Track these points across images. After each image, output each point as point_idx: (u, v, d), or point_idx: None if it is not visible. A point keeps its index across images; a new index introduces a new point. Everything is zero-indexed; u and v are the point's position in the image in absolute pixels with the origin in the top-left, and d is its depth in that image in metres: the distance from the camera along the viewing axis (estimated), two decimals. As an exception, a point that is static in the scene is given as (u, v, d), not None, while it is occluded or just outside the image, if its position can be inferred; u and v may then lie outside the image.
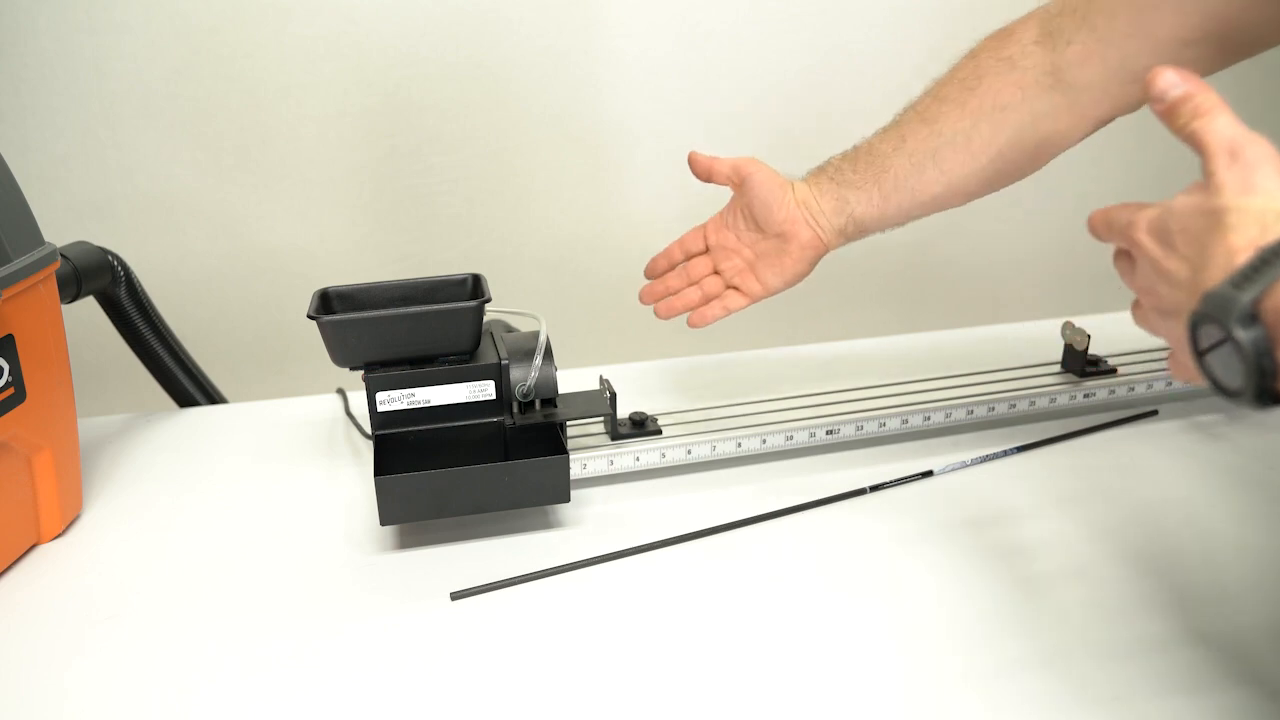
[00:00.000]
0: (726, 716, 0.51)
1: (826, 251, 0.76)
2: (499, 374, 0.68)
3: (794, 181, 0.76)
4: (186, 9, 1.14)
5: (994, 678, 0.53)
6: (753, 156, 0.77)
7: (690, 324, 0.78)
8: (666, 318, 0.79)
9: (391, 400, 0.67)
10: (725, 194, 0.82)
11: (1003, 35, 0.69)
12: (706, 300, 0.78)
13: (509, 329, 0.77)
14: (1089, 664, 0.54)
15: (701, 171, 0.79)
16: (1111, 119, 0.67)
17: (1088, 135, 0.68)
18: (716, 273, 0.79)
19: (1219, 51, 0.61)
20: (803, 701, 0.52)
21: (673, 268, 0.81)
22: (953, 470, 0.75)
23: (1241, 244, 0.40)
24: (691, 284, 0.79)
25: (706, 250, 0.80)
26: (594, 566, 0.64)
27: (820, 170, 0.76)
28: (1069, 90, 0.65)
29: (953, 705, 0.51)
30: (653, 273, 0.82)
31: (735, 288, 0.78)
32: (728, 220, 0.79)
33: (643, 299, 0.81)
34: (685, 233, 0.81)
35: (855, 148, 0.75)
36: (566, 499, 0.66)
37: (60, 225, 0.76)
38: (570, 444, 0.72)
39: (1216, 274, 0.40)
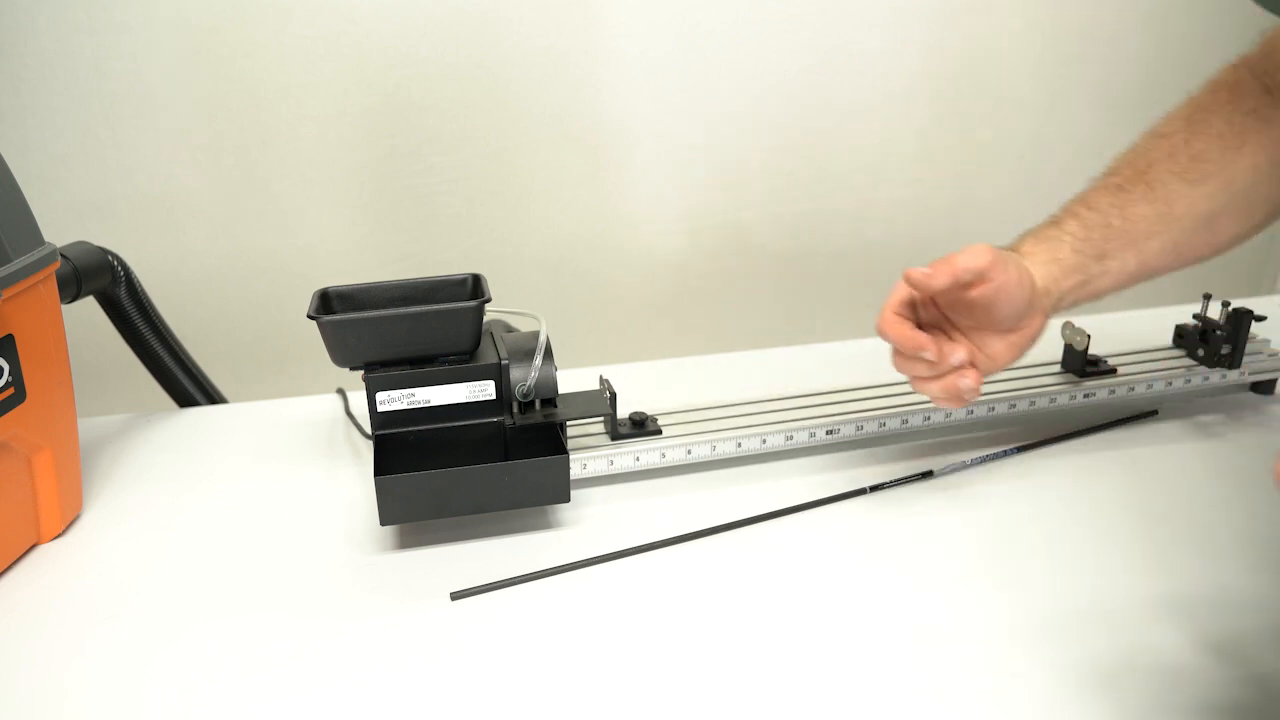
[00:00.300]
0: (726, 716, 0.51)
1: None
2: (499, 374, 0.68)
3: (1031, 265, 0.65)
4: (186, 9, 1.14)
5: (994, 678, 0.53)
6: (988, 251, 0.62)
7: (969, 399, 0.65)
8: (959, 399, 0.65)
9: (391, 400, 0.67)
10: (721, 192, 0.82)
11: (1230, 89, 0.66)
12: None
13: (509, 329, 0.77)
14: (1088, 664, 0.54)
15: (942, 283, 0.62)
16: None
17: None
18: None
19: None
20: (803, 701, 0.52)
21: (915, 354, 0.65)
22: (953, 470, 0.75)
23: None
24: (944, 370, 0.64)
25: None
26: (594, 566, 0.64)
27: (1056, 243, 0.66)
28: None
29: (953, 705, 0.51)
30: (900, 331, 0.64)
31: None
32: (947, 314, 0.67)
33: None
34: (892, 315, 0.65)
35: (1092, 208, 0.67)
36: (566, 499, 0.66)
37: (60, 225, 0.76)
38: (570, 444, 0.72)
39: None
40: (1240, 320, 0.80)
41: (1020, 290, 0.63)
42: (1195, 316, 0.85)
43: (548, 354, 0.68)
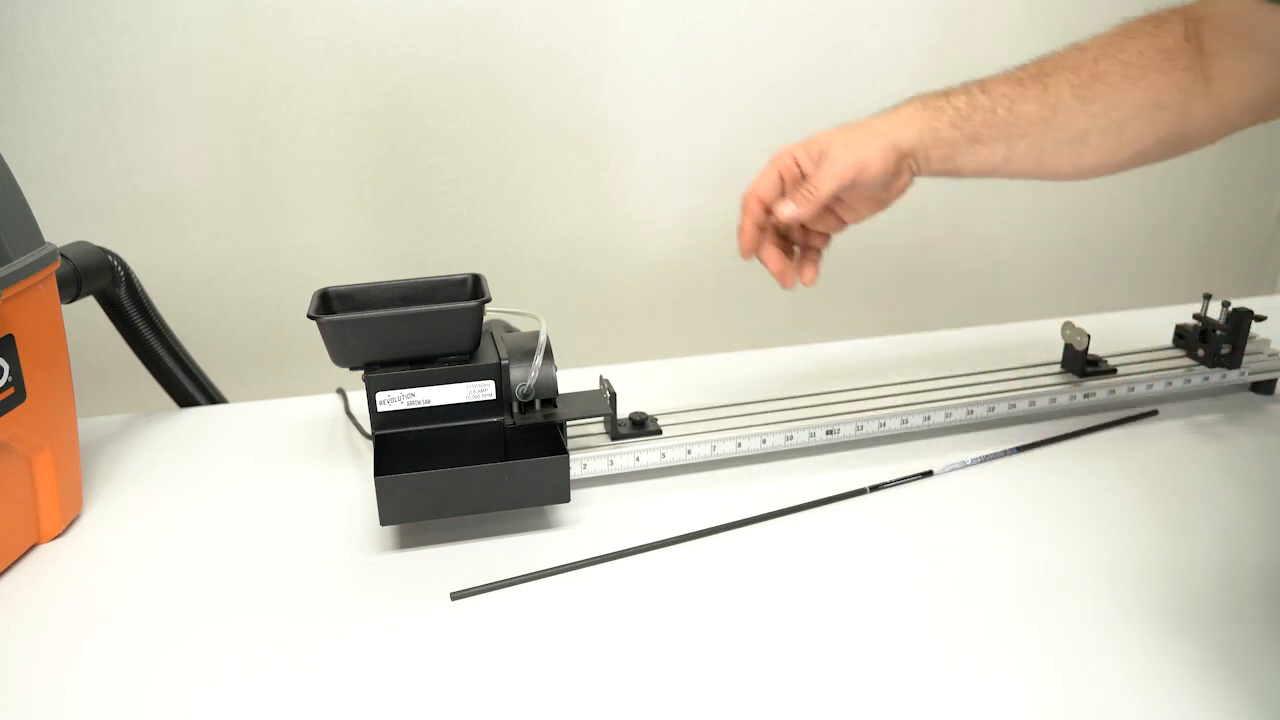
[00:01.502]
0: (726, 716, 0.51)
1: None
2: (499, 374, 0.68)
3: (898, 129, 0.69)
4: (186, 9, 1.14)
5: (994, 678, 0.53)
6: (841, 140, 0.69)
7: (800, 282, 0.75)
8: (786, 275, 0.75)
9: (391, 400, 0.67)
10: (720, 192, 0.82)
11: (1156, 22, 0.67)
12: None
13: (509, 329, 0.77)
14: (1088, 664, 0.54)
15: (811, 211, 0.70)
16: (1249, 126, 0.67)
17: (1219, 139, 0.68)
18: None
19: None
20: (802, 702, 0.52)
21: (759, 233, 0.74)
22: (953, 470, 0.75)
23: None
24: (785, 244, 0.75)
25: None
26: (594, 566, 0.64)
27: (939, 112, 0.70)
28: (1217, 100, 0.65)
29: (953, 705, 0.51)
30: (752, 247, 0.75)
31: (813, 230, 0.75)
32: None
33: (748, 255, 0.76)
34: (759, 181, 0.72)
35: (987, 92, 0.70)
36: (566, 499, 0.66)
37: (60, 225, 0.76)
38: (570, 444, 0.72)
39: None
40: (1240, 320, 0.80)
41: (883, 174, 0.68)
42: (1195, 316, 0.85)
43: (548, 354, 0.68)
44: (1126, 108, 0.67)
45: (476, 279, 0.70)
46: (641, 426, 0.74)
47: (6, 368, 0.62)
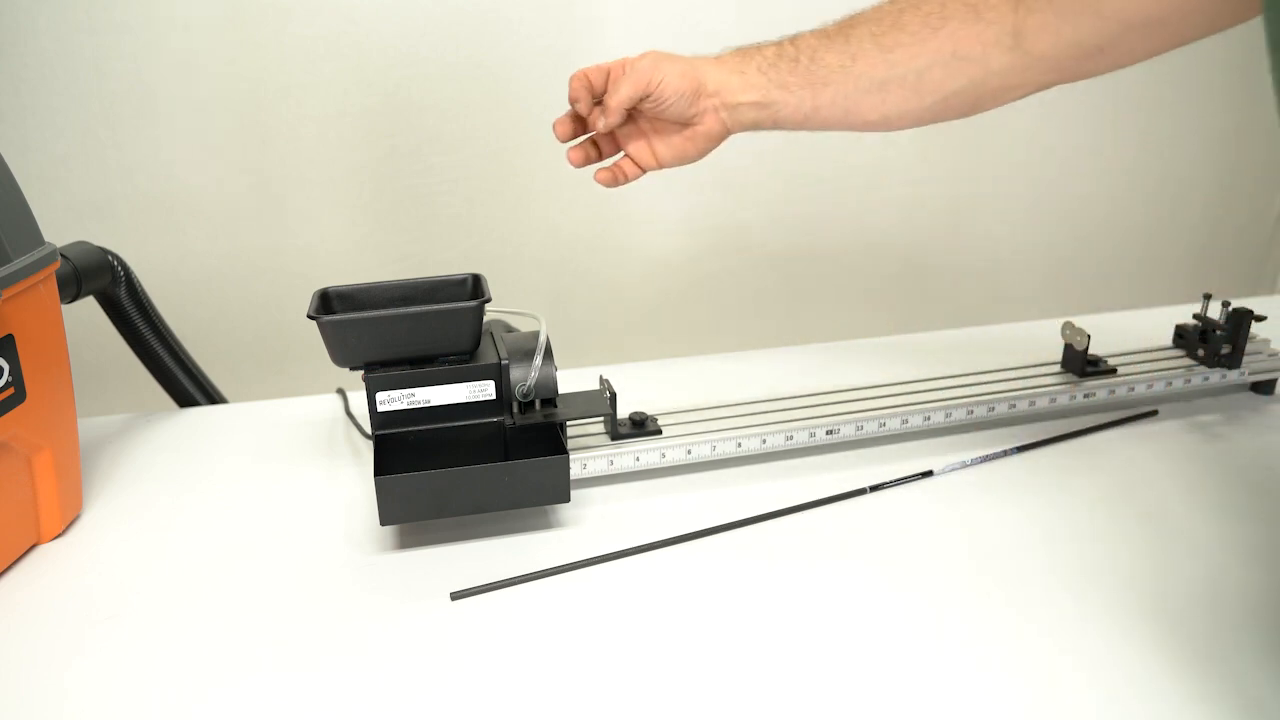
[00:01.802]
0: (726, 716, 0.51)
1: (728, 137, 0.75)
2: (499, 374, 0.68)
3: (706, 66, 0.72)
4: (186, 9, 1.14)
5: (993, 677, 0.53)
6: (651, 54, 0.72)
7: (601, 180, 0.77)
8: (581, 164, 0.77)
9: (391, 400, 0.67)
10: (721, 193, 0.83)
11: None
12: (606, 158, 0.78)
13: (509, 329, 0.77)
14: (1087, 664, 0.54)
15: (616, 117, 0.72)
16: (1053, 85, 0.69)
17: (1027, 96, 0.70)
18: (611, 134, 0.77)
19: (1161, 36, 0.62)
20: (802, 702, 0.52)
21: (581, 123, 0.76)
22: (953, 470, 0.75)
23: None
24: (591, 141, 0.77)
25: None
26: (594, 566, 0.64)
27: (747, 58, 0.73)
28: (1025, 56, 0.66)
29: (952, 704, 0.51)
30: (566, 136, 0.77)
31: (629, 157, 0.77)
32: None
33: (574, 160, 0.77)
34: (591, 68, 0.74)
35: (794, 44, 0.72)
36: (566, 499, 0.66)
37: (60, 225, 0.76)
38: (570, 444, 0.72)
39: None
40: (1240, 320, 0.80)
41: (677, 94, 0.70)
42: (1195, 316, 0.85)
43: (548, 354, 0.68)
44: (925, 56, 0.68)
45: (476, 279, 0.70)
46: (641, 426, 0.74)
47: (6, 368, 0.62)
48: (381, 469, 0.65)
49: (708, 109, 0.72)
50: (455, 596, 0.61)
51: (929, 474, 0.74)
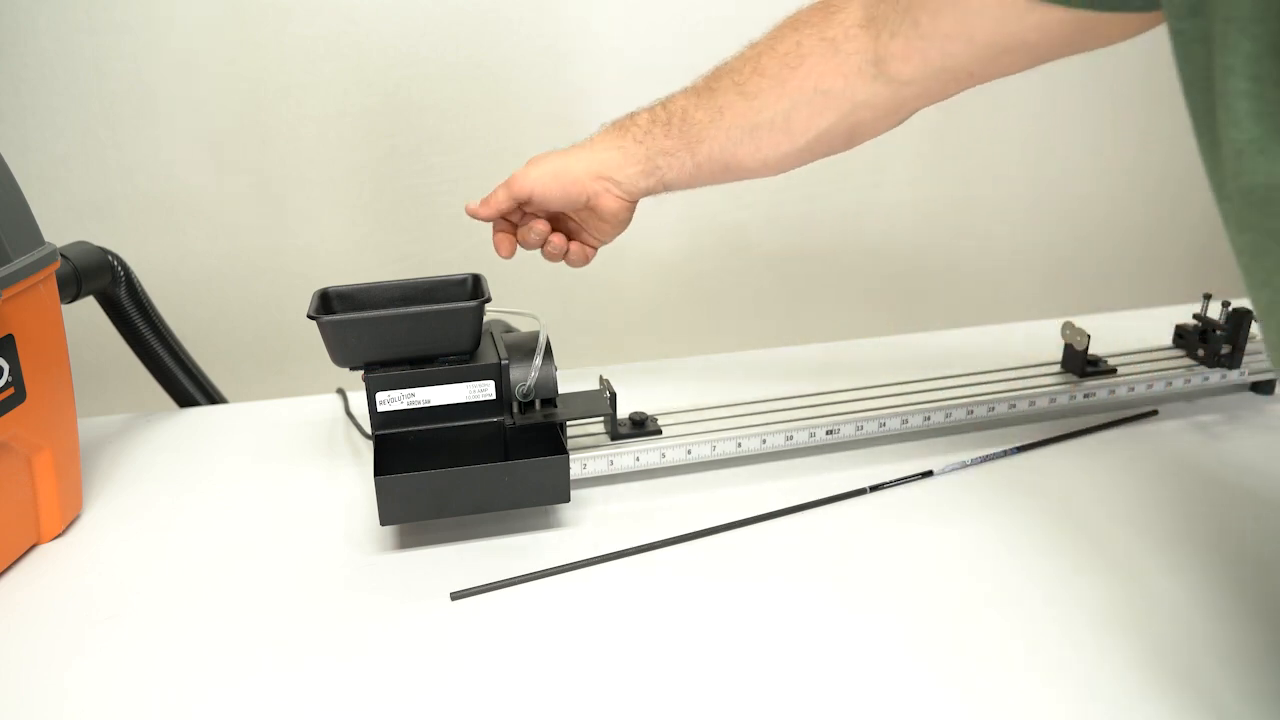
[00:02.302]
0: (726, 717, 0.51)
1: (637, 201, 0.77)
2: (499, 374, 0.68)
3: (580, 154, 0.74)
4: (186, 9, 1.14)
5: (994, 677, 0.53)
6: (526, 170, 0.75)
7: (572, 263, 0.80)
8: (508, 254, 0.79)
9: (391, 400, 0.67)
10: (720, 192, 0.83)
11: (826, 11, 0.69)
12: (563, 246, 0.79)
13: (509, 329, 0.77)
14: (1087, 665, 0.54)
15: (487, 215, 0.77)
16: (924, 108, 0.68)
17: (901, 123, 0.70)
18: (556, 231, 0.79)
19: (1029, 58, 0.62)
20: (802, 702, 0.52)
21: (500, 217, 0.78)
22: (953, 470, 0.75)
23: None
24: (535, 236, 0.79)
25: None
26: (594, 566, 0.64)
27: (623, 131, 0.74)
28: (890, 82, 0.66)
29: (952, 704, 0.51)
30: (510, 251, 0.79)
31: (575, 243, 0.80)
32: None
33: (502, 252, 0.79)
34: (494, 197, 0.76)
35: (665, 108, 0.74)
36: (566, 499, 0.66)
37: (60, 225, 0.76)
38: (570, 444, 0.72)
39: None
40: (1240, 320, 0.80)
41: (563, 196, 0.73)
42: (1195, 316, 0.85)
43: (548, 354, 0.68)
44: (788, 97, 0.68)
45: (476, 279, 0.71)
46: (641, 426, 0.74)
47: (6, 368, 0.62)
48: (381, 469, 0.65)
49: (599, 191, 0.74)
50: (455, 596, 0.61)
51: (929, 474, 0.74)
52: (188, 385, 0.90)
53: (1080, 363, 0.81)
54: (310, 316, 0.64)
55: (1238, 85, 0.40)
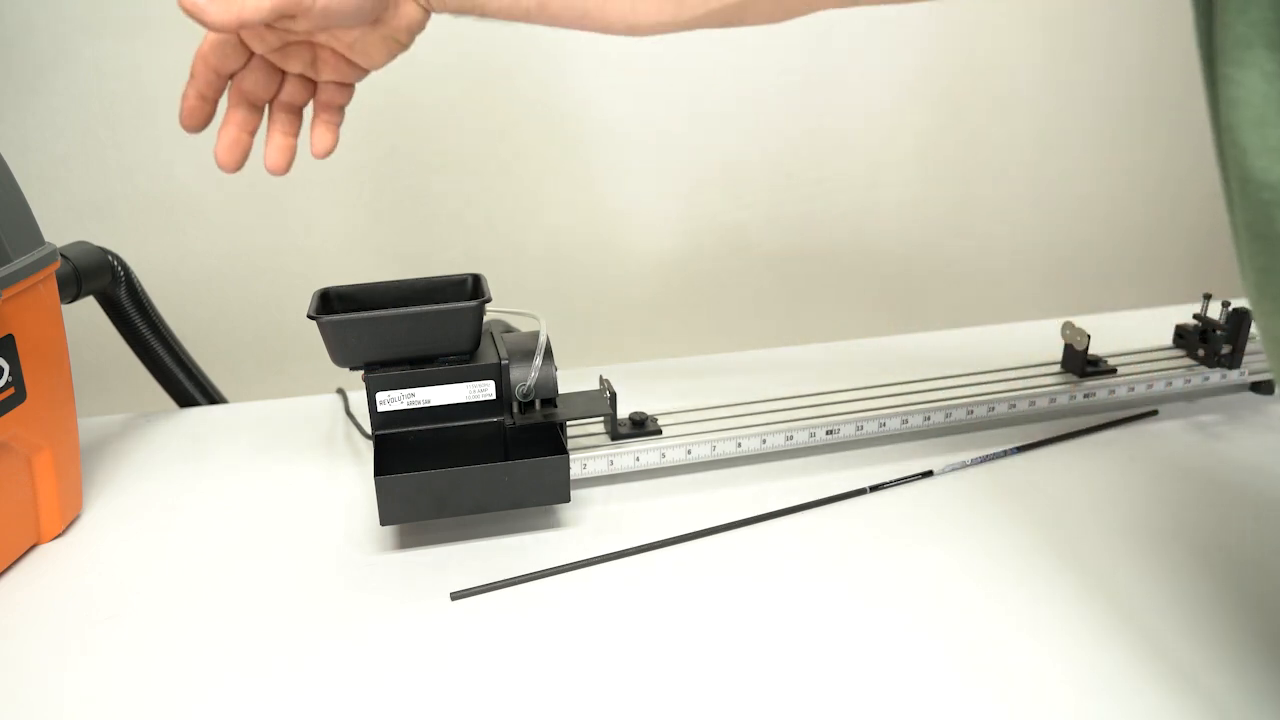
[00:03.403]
0: (725, 716, 0.51)
1: (425, 25, 0.61)
2: (499, 374, 0.68)
3: None
4: (186, 9, 1.14)
5: (993, 677, 0.53)
6: None
7: (271, 167, 0.61)
8: (229, 161, 0.60)
9: (391, 400, 0.67)
10: (720, 192, 0.82)
11: None
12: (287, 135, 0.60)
13: (509, 329, 0.77)
14: (1086, 665, 0.54)
15: (227, 21, 0.52)
16: (811, 12, 0.62)
17: (808, 13, 0.63)
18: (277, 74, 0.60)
19: None
20: (802, 702, 0.52)
21: (211, 103, 0.59)
22: (953, 470, 0.75)
23: None
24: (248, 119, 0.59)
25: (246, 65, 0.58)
26: (594, 566, 0.64)
27: None
28: None
29: (952, 704, 0.51)
30: (193, 123, 0.60)
31: (326, 102, 0.60)
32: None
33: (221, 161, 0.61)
34: (202, 54, 0.57)
35: None
36: (566, 499, 0.66)
37: (60, 225, 0.76)
38: (570, 444, 0.72)
39: None
40: (1240, 320, 0.80)
41: (356, 3, 0.54)
42: (1195, 316, 0.85)
43: (548, 354, 0.68)
44: None
45: (476, 279, 0.71)
46: (641, 426, 0.74)
47: (6, 368, 0.62)
48: (381, 469, 0.65)
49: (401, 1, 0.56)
50: (455, 596, 0.61)
51: (929, 474, 0.74)
52: (188, 385, 0.90)
53: (1080, 363, 0.81)
54: (310, 316, 0.64)
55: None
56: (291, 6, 0.52)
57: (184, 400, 0.91)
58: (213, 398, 0.92)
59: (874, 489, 0.72)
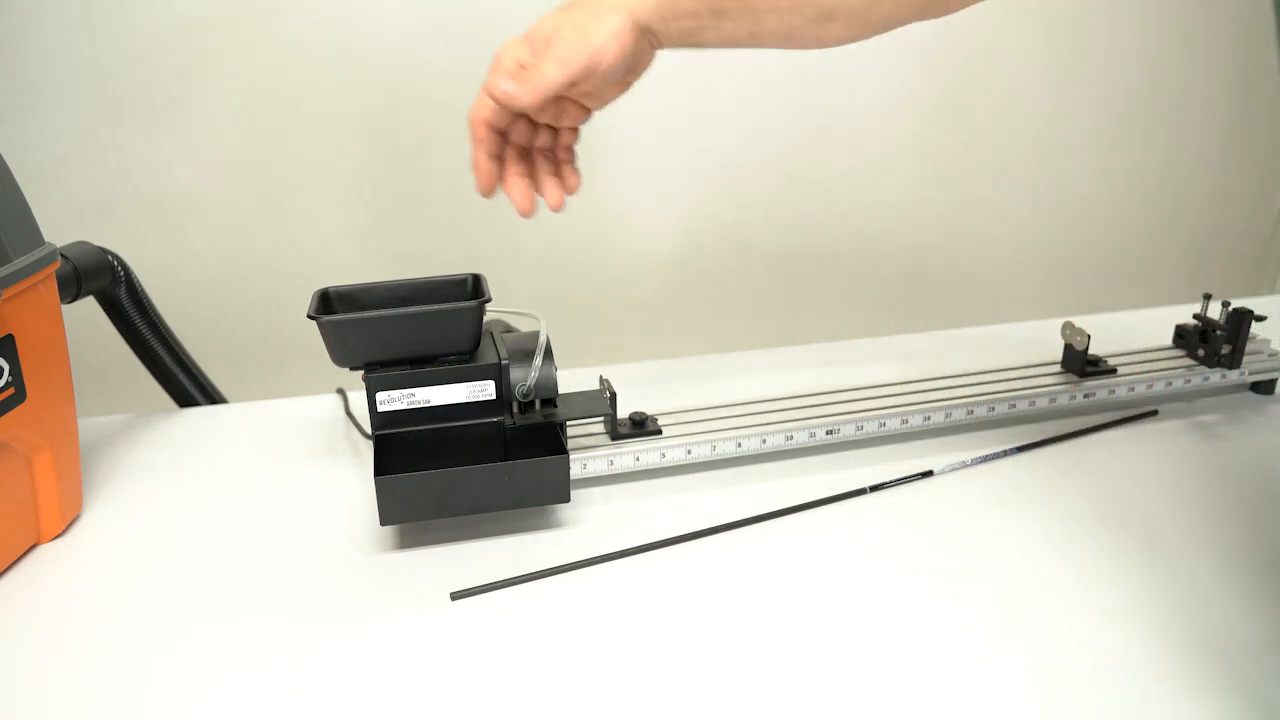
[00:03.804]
0: (725, 716, 0.51)
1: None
2: (499, 374, 0.68)
3: (630, 9, 0.63)
4: (186, 9, 1.14)
5: (993, 677, 0.53)
6: (583, 34, 0.62)
7: (555, 208, 0.70)
8: (528, 208, 0.69)
9: (391, 400, 0.67)
10: (720, 192, 0.82)
11: None
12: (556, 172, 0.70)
13: (509, 329, 0.77)
14: (1086, 664, 0.54)
15: (531, 100, 0.64)
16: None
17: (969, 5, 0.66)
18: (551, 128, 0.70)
19: None
20: (803, 701, 0.52)
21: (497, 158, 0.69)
22: (953, 470, 0.75)
23: None
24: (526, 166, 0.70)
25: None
26: (594, 566, 0.64)
27: None
28: None
29: (952, 703, 0.51)
30: (488, 189, 0.70)
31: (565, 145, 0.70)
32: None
33: (482, 188, 0.70)
34: (479, 103, 0.67)
35: None
36: (566, 499, 0.66)
37: (60, 225, 0.76)
38: (570, 444, 0.72)
39: None
40: (1240, 320, 0.80)
41: (622, 61, 0.62)
42: (1195, 316, 0.85)
43: (548, 354, 0.68)
44: None
45: (476, 279, 0.70)
46: (641, 426, 0.74)
47: (6, 368, 0.62)
48: (381, 469, 0.65)
49: (644, 48, 0.64)
50: (455, 596, 0.61)
51: (929, 474, 0.74)
52: (188, 385, 0.90)
53: (1080, 363, 0.81)
54: (310, 316, 0.64)
55: None
56: (579, 75, 0.61)
57: (184, 400, 0.91)
58: (213, 398, 0.92)
59: (874, 489, 0.72)
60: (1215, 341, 0.82)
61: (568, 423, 0.71)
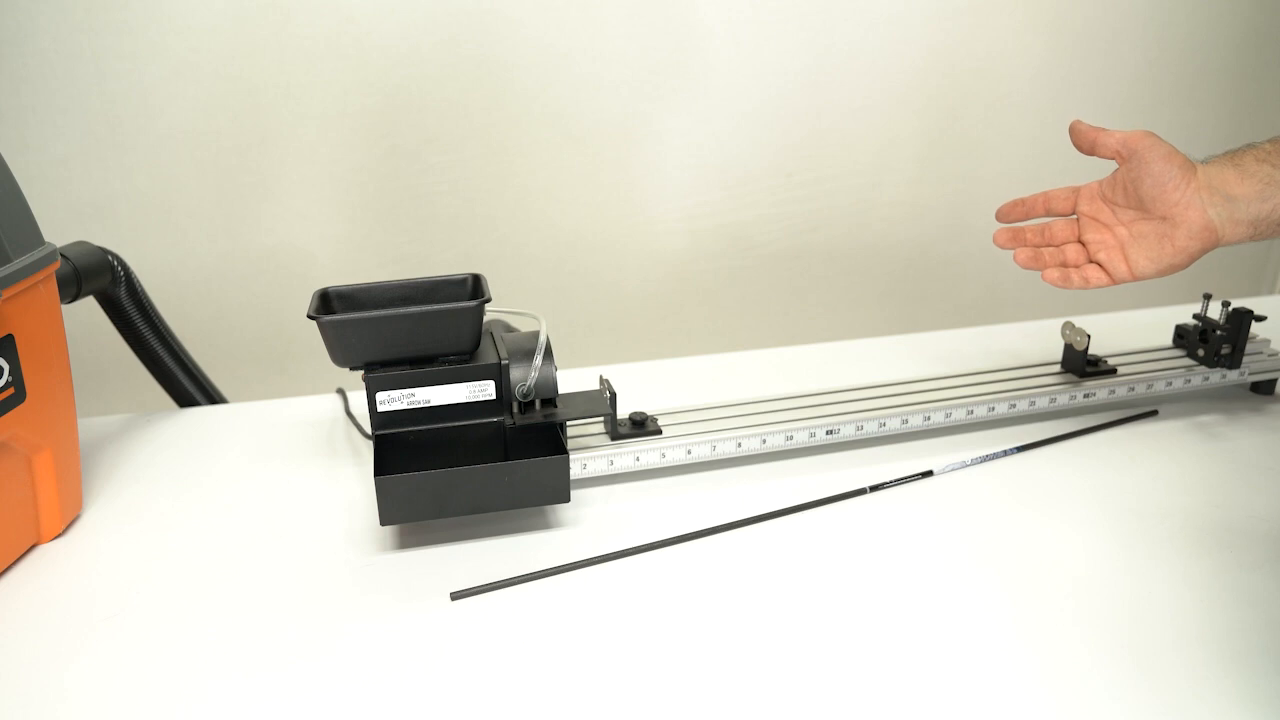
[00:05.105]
0: (725, 716, 0.51)
1: (1218, 245, 0.68)
2: (499, 374, 0.68)
3: (1199, 164, 0.68)
4: (186, 9, 1.14)
5: (993, 676, 0.53)
6: (1150, 131, 0.69)
7: (1050, 280, 0.72)
8: (1030, 267, 0.73)
9: (391, 400, 0.67)
10: (720, 192, 0.82)
11: None
12: (1064, 266, 0.73)
13: (509, 329, 0.77)
14: (1086, 664, 0.54)
15: (1084, 144, 0.72)
16: None
17: None
18: (1080, 242, 0.73)
19: None
20: (803, 700, 0.52)
21: (1027, 218, 0.74)
22: (953, 470, 0.75)
23: None
24: (1048, 245, 0.74)
25: (1072, 213, 0.74)
26: (594, 566, 0.64)
27: (1241, 153, 0.68)
28: None
29: (951, 703, 0.51)
30: (1004, 217, 0.76)
31: (1099, 264, 0.71)
32: (1105, 192, 0.72)
33: (999, 242, 0.75)
34: (1053, 189, 0.74)
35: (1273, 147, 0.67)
36: (566, 499, 0.66)
37: (60, 225, 0.77)
38: (570, 444, 0.72)
39: None
40: (1240, 320, 0.80)
41: (1173, 159, 0.67)
42: (1195, 316, 0.85)
43: (548, 354, 0.68)
44: None
45: (476, 279, 0.71)
46: (641, 426, 0.74)
47: (6, 368, 0.62)
48: (381, 469, 0.65)
49: (1194, 203, 0.67)
50: (455, 596, 0.61)
51: (929, 474, 0.74)
52: (188, 385, 0.90)
53: (1080, 363, 0.81)
54: (310, 316, 0.64)
55: None
56: (1130, 144, 0.69)
57: (184, 400, 0.91)
58: (213, 398, 0.92)
59: (874, 489, 0.72)
60: (1215, 341, 0.82)
61: (568, 423, 0.71)
